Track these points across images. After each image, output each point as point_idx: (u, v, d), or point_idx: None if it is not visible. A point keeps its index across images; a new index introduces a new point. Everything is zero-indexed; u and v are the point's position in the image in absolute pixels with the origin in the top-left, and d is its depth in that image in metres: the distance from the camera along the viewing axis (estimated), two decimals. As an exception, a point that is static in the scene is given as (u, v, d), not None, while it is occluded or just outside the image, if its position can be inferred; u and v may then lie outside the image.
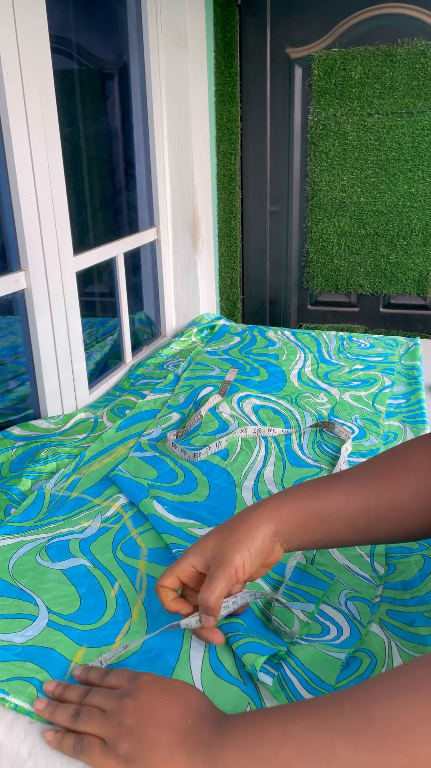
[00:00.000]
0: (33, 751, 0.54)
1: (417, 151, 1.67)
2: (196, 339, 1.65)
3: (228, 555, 0.59)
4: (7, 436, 1.10)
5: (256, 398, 1.24)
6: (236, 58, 1.74)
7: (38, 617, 0.67)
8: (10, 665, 0.61)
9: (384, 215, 1.75)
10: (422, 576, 0.72)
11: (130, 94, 1.55)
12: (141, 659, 0.62)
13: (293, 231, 1.89)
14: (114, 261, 1.46)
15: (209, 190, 1.79)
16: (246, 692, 0.58)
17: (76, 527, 0.84)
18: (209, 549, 0.61)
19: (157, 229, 1.66)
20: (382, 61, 1.62)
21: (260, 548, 0.60)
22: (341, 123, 1.71)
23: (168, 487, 0.94)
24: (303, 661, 0.61)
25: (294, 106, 1.77)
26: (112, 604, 0.69)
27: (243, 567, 0.59)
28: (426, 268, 1.76)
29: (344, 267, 1.84)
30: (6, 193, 1.06)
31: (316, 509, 0.62)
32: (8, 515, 0.89)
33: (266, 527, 0.61)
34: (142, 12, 1.49)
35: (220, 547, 0.60)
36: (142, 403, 1.23)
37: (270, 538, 0.61)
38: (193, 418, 1.15)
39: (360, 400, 1.23)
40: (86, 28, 1.43)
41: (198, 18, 1.59)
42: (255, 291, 1.99)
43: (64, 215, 1.17)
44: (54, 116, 1.11)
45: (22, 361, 1.32)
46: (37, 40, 1.05)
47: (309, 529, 0.62)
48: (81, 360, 1.26)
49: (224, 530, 0.62)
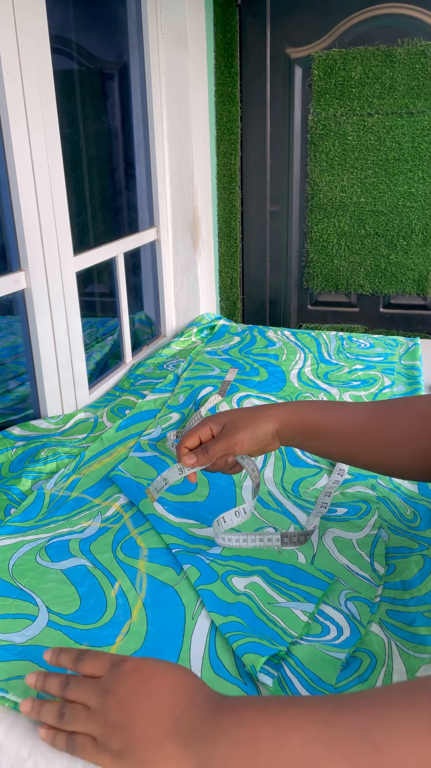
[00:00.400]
0: (33, 751, 0.54)
1: (417, 151, 1.67)
2: (196, 339, 1.65)
3: (235, 430, 0.76)
4: (7, 436, 1.10)
5: (256, 398, 1.24)
6: (236, 58, 1.74)
7: (38, 617, 0.67)
8: (9, 665, 0.61)
9: (384, 215, 1.75)
10: (422, 576, 0.72)
11: (130, 94, 1.55)
12: (141, 659, 0.62)
13: (293, 231, 1.89)
14: (114, 261, 1.46)
15: (209, 190, 1.79)
16: (246, 692, 0.58)
17: (76, 527, 0.84)
18: (224, 420, 0.78)
19: (157, 229, 1.66)
20: (382, 61, 1.62)
21: (260, 437, 0.76)
22: (341, 123, 1.71)
23: (168, 487, 0.94)
24: (303, 661, 0.61)
25: (294, 106, 1.77)
26: (112, 604, 0.69)
27: (242, 444, 0.76)
28: (426, 268, 1.77)
29: (344, 267, 1.84)
30: (6, 193, 1.06)
31: (315, 423, 0.76)
32: (8, 515, 0.89)
33: (270, 424, 0.76)
34: (142, 12, 1.49)
35: (232, 423, 0.77)
36: (142, 403, 1.23)
37: (272, 434, 0.77)
38: (192, 418, 1.15)
39: (360, 400, 1.23)
40: (86, 28, 1.43)
41: (198, 18, 1.59)
42: (255, 291, 1.99)
43: (64, 215, 1.17)
44: (54, 116, 1.11)
45: (22, 361, 1.32)
46: (37, 40, 1.05)
47: (306, 437, 0.76)
48: (81, 360, 1.26)
49: (240, 412, 0.79)
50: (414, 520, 0.86)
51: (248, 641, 0.62)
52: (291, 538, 0.79)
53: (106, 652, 0.56)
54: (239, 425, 0.77)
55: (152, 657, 0.52)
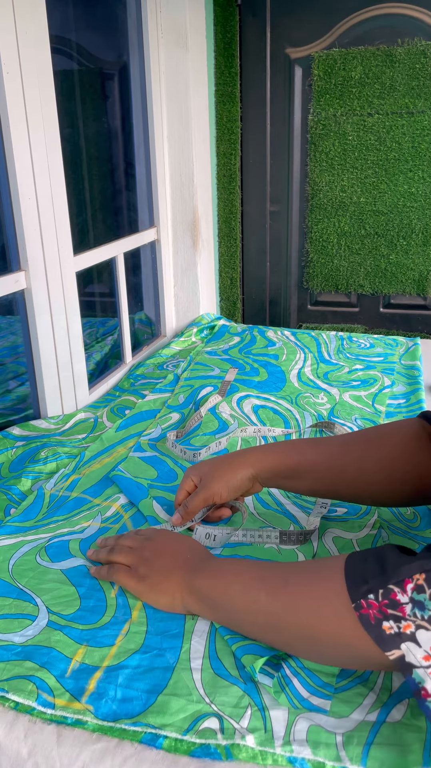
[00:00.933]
0: (33, 751, 0.54)
1: (417, 151, 1.67)
2: (195, 339, 1.65)
3: (212, 482, 0.80)
4: (7, 436, 1.10)
5: (256, 398, 1.24)
6: (236, 58, 1.74)
7: (38, 617, 0.67)
8: (9, 665, 0.61)
9: (384, 215, 1.75)
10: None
11: (130, 94, 1.55)
12: (141, 658, 0.62)
13: (293, 231, 1.89)
14: (114, 261, 1.46)
15: (209, 190, 1.79)
16: (246, 692, 0.58)
17: (76, 527, 0.84)
18: (203, 472, 0.82)
19: (157, 229, 1.66)
20: (382, 61, 1.62)
21: (236, 486, 0.80)
22: (341, 123, 1.71)
23: (168, 487, 0.94)
24: (303, 662, 0.61)
25: (294, 106, 1.77)
26: (112, 604, 0.69)
27: (220, 495, 0.80)
28: (426, 268, 1.77)
29: (344, 267, 1.84)
30: (6, 193, 1.06)
31: (292, 464, 0.79)
32: (8, 515, 0.89)
33: (246, 471, 0.80)
34: (142, 12, 1.49)
35: (208, 475, 0.81)
36: (142, 403, 1.23)
37: (249, 479, 0.80)
38: (192, 418, 1.15)
39: (360, 400, 1.23)
40: (86, 28, 1.43)
41: (198, 18, 1.59)
42: (255, 291, 1.99)
43: (64, 215, 1.17)
44: (54, 116, 1.11)
45: (22, 361, 1.32)
46: (37, 41, 1.05)
47: (285, 478, 0.80)
48: (81, 360, 1.26)
49: (218, 462, 0.82)
50: (414, 520, 0.86)
51: (248, 643, 0.62)
52: (290, 536, 0.79)
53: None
54: (214, 476, 0.80)
55: None
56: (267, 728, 0.54)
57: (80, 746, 0.54)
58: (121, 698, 0.57)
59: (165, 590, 0.67)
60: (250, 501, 0.90)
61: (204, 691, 0.58)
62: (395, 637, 0.50)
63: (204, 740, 0.53)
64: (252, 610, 0.60)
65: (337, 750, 0.52)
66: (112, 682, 0.59)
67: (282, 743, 0.53)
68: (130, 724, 0.55)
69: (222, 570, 0.66)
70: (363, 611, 0.51)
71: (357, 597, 0.52)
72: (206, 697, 0.57)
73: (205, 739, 0.53)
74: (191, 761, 0.52)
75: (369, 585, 0.52)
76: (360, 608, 0.51)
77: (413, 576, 0.50)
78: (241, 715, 0.55)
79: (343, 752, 0.52)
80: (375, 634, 0.50)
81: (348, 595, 0.53)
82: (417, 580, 0.50)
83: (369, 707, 0.56)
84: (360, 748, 0.52)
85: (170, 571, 0.68)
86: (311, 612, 0.56)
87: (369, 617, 0.51)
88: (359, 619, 0.51)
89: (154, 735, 0.54)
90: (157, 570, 0.69)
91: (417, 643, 0.49)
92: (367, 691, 0.58)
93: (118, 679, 0.59)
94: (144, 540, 0.74)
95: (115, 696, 0.58)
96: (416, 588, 0.50)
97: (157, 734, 0.54)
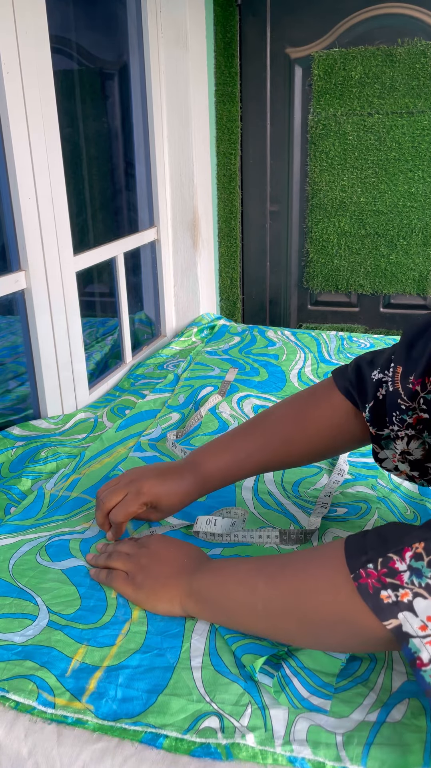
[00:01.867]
0: (33, 751, 0.54)
1: (417, 151, 1.67)
2: (196, 339, 1.65)
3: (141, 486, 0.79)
4: (7, 436, 1.10)
5: (256, 398, 1.24)
6: (236, 58, 1.74)
7: (38, 617, 0.67)
8: (10, 664, 0.61)
9: (384, 215, 1.75)
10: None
11: (130, 94, 1.55)
12: (142, 658, 0.62)
13: (293, 231, 1.89)
14: (114, 261, 1.46)
15: (209, 190, 1.79)
16: (246, 690, 0.58)
17: (76, 528, 0.84)
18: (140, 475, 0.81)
19: (157, 229, 1.66)
20: (382, 61, 1.62)
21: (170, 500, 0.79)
22: (341, 123, 1.71)
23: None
24: (303, 662, 0.61)
25: (294, 106, 1.77)
26: (113, 604, 0.69)
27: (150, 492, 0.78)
28: (426, 268, 1.77)
29: (344, 267, 1.84)
30: (6, 193, 1.06)
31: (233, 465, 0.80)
32: (8, 514, 0.89)
33: (180, 500, 0.80)
34: (142, 12, 1.49)
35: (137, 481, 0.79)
36: (142, 403, 1.23)
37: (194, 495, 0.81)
38: (193, 418, 1.15)
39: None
40: (86, 28, 1.43)
41: (198, 18, 1.59)
42: (255, 291, 1.99)
43: (64, 215, 1.17)
44: (54, 116, 1.11)
45: (22, 361, 1.32)
46: (37, 41, 1.05)
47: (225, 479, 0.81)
48: (81, 360, 1.26)
49: (152, 470, 0.81)
50: (414, 520, 0.86)
51: (248, 642, 0.62)
52: (290, 536, 0.79)
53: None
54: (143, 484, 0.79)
55: None
56: (268, 727, 0.54)
57: (80, 746, 0.54)
58: (122, 698, 0.58)
59: (162, 597, 0.67)
60: (250, 501, 0.90)
61: (204, 690, 0.58)
62: (392, 606, 0.49)
63: (204, 739, 0.53)
64: (251, 601, 0.60)
65: (337, 750, 0.52)
66: (113, 682, 0.59)
67: (282, 743, 0.53)
68: (130, 724, 0.55)
69: (220, 568, 0.66)
70: (362, 581, 0.51)
71: (356, 567, 0.52)
72: (206, 696, 0.57)
73: (206, 738, 0.53)
74: (191, 761, 0.52)
75: (368, 555, 0.52)
76: (359, 578, 0.51)
77: (412, 545, 0.50)
78: (241, 714, 0.55)
79: (343, 752, 0.52)
80: (373, 603, 0.50)
81: (346, 566, 0.53)
82: (416, 549, 0.50)
83: (370, 707, 0.56)
84: (361, 748, 0.52)
85: (167, 578, 0.68)
86: (308, 590, 0.56)
87: (367, 586, 0.51)
88: (357, 590, 0.51)
89: (154, 734, 0.54)
90: (154, 577, 0.69)
91: (414, 613, 0.49)
92: (367, 691, 0.58)
93: (119, 679, 0.59)
94: (141, 547, 0.74)
95: (115, 696, 0.58)
96: (414, 556, 0.50)
97: (158, 734, 0.54)
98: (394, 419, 0.67)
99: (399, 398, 0.66)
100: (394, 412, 0.66)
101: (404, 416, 0.66)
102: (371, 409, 0.70)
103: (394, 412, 0.66)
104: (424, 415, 0.64)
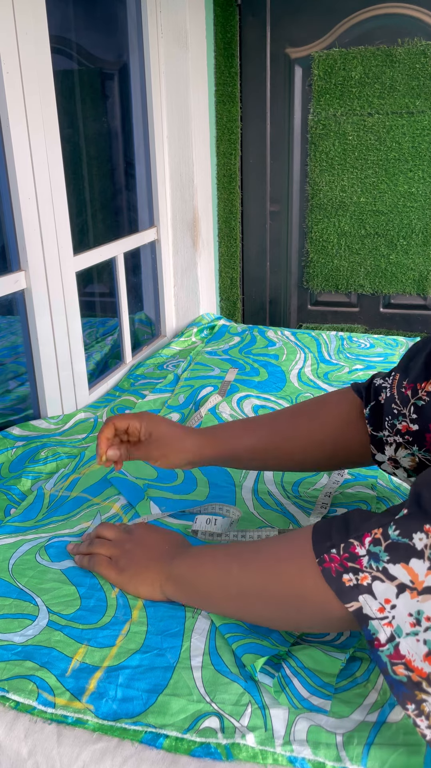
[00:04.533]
0: (33, 751, 0.54)
1: (417, 151, 1.67)
2: (196, 339, 1.65)
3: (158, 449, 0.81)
4: (7, 436, 1.10)
5: (256, 398, 1.24)
6: (236, 58, 1.74)
7: (38, 617, 0.67)
8: (9, 664, 0.61)
9: (384, 215, 1.75)
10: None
11: (130, 94, 1.55)
12: (142, 658, 0.62)
13: (293, 231, 1.89)
14: (114, 261, 1.46)
15: (209, 190, 1.79)
16: (246, 689, 0.58)
17: (75, 528, 0.84)
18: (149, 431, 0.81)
19: (157, 229, 1.66)
20: (382, 61, 1.62)
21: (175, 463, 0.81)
22: (341, 123, 1.71)
23: (168, 487, 0.94)
24: (303, 662, 0.61)
25: (294, 106, 1.77)
26: (113, 604, 0.69)
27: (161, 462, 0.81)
28: (426, 268, 1.77)
29: (344, 267, 1.84)
30: (6, 193, 1.06)
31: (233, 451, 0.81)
32: (8, 515, 0.89)
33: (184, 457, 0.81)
34: (142, 12, 1.49)
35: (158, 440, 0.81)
36: (142, 403, 1.23)
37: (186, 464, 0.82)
38: (193, 418, 1.15)
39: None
40: (86, 28, 1.43)
41: (198, 18, 1.59)
42: (255, 291, 1.99)
43: (64, 215, 1.17)
44: (54, 116, 1.11)
45: (22, 361, 1.32)
46: (37, 41, 1.05)
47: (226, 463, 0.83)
48: (81, 360, 1.26)
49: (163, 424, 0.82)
50: (414, 520, 0.85)
51: (248, 642, 0.62)
52: None
53: None
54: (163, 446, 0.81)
55: None
56: (268, 727, 0.54)
57: (80, 746, 0.54)
58: (122, 698, 0.58)
59: (144, 580, 0.70)
60: (250, 501, 0.90)
61: (204, 689, 0.58)
62: (353, 589, 0.52)
63: (204, 739, 0.53)
64: (225, 584, 0.63)
65: (337, 750, 0.52)
66: (113, 682, 0.59)
67: (282, 743, 0.53)
68: (130, 724, 0.55)
69: (199, 554, 0.69)
70: (326, 564, 0.54)
71: (321, 552, 0.55)
72: (206, 696, 0.57)
73: (206, 738, 0.53)
74: (191, 761, 0.52)
75: (332, 540, 0.55)
76: (323, 562, 0.54)
77: (372, 530, 0.53)
78: (241, 713, 0.55)
79: (343, 752, 0.52)
80: (336, 587, 0.53)
81: (313, 551, 0.56)
82: (374, 534, 0.53)
83: (370, 707, 0.56)
84: (361, 748, 0.52)
85: (149, 561, 0.71)
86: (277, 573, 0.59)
87: (331, 570, 0.53)
88: (322, 573, 0.54)
89: (154, 734, 0.54)
90: (137, 561, 0.71)
91: (373, 595, 0.51)
92: (367, 691, 0.58)
93: (119, 679, 0.59)
94: (124, 532, 0.76)
95: (115, 696, 0.58)
96: (373, 541, 0.52)
97: (158, 734, 0.54)
98: (386, 424, 0.72)
99: (393, 402, 0.71)
100: (388, 416, 0.71)
101: (395, 421, 0.70)
102: (371, 408, 0.74)
103: (388, 416, 0.71)
104: (413, 427, 0.68)
